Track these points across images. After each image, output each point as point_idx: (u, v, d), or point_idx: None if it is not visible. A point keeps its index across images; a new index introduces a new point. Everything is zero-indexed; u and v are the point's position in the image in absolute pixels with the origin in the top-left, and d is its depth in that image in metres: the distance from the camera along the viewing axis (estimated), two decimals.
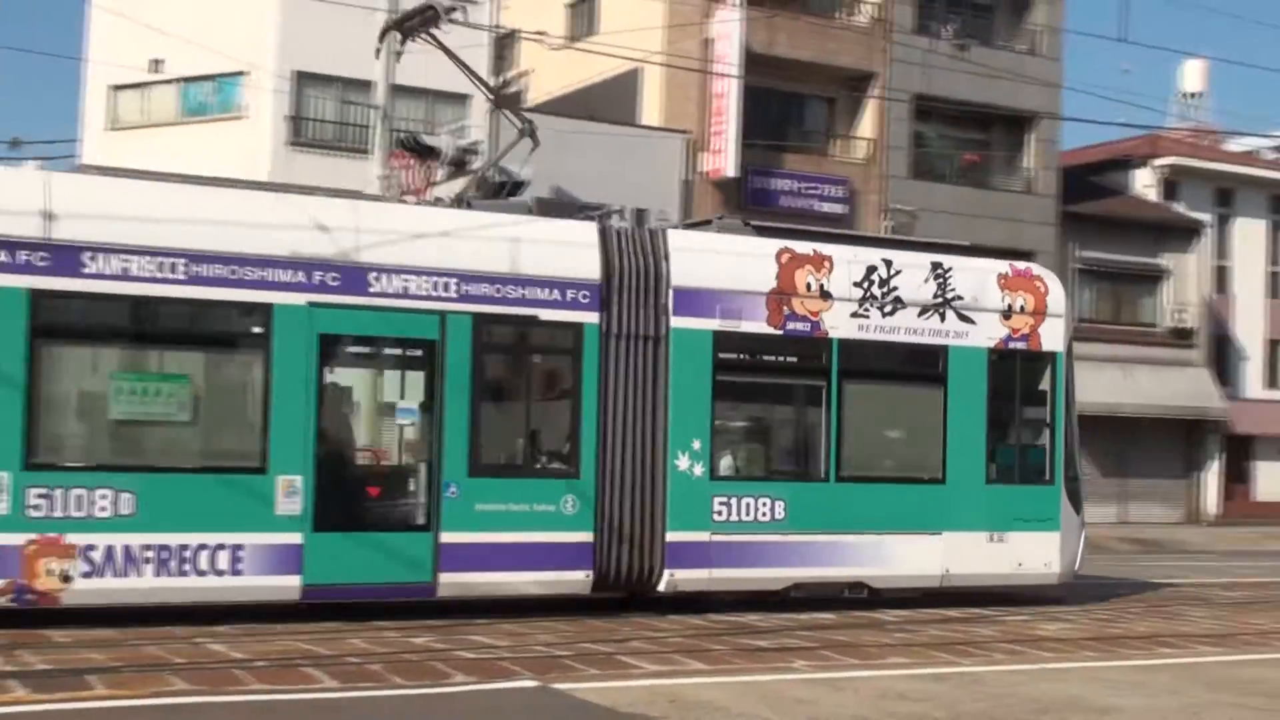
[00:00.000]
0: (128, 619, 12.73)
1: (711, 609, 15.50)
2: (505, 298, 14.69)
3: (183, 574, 13.21)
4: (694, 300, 15.55)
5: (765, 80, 36.93)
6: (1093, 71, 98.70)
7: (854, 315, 16.41)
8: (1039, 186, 42.11)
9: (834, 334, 16.29)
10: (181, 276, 13.38)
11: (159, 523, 13.15)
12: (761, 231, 16.86)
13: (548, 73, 38.67)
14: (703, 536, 15.48)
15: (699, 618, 14.87)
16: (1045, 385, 17.74)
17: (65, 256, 12.99)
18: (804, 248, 16.38)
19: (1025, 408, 17.73)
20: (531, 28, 32.46)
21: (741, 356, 16.06)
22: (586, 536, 14.89)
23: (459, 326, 14.43)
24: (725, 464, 15.92)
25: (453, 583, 14.32)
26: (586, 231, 15.45)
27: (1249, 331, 49.55)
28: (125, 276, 13.19)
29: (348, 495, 14.19)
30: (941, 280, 16.97)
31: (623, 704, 9.89)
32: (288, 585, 13.62)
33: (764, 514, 15.83)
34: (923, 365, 16.96)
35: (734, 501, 15.70)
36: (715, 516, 15.55)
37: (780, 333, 16.04)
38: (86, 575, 12.89)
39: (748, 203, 36.59)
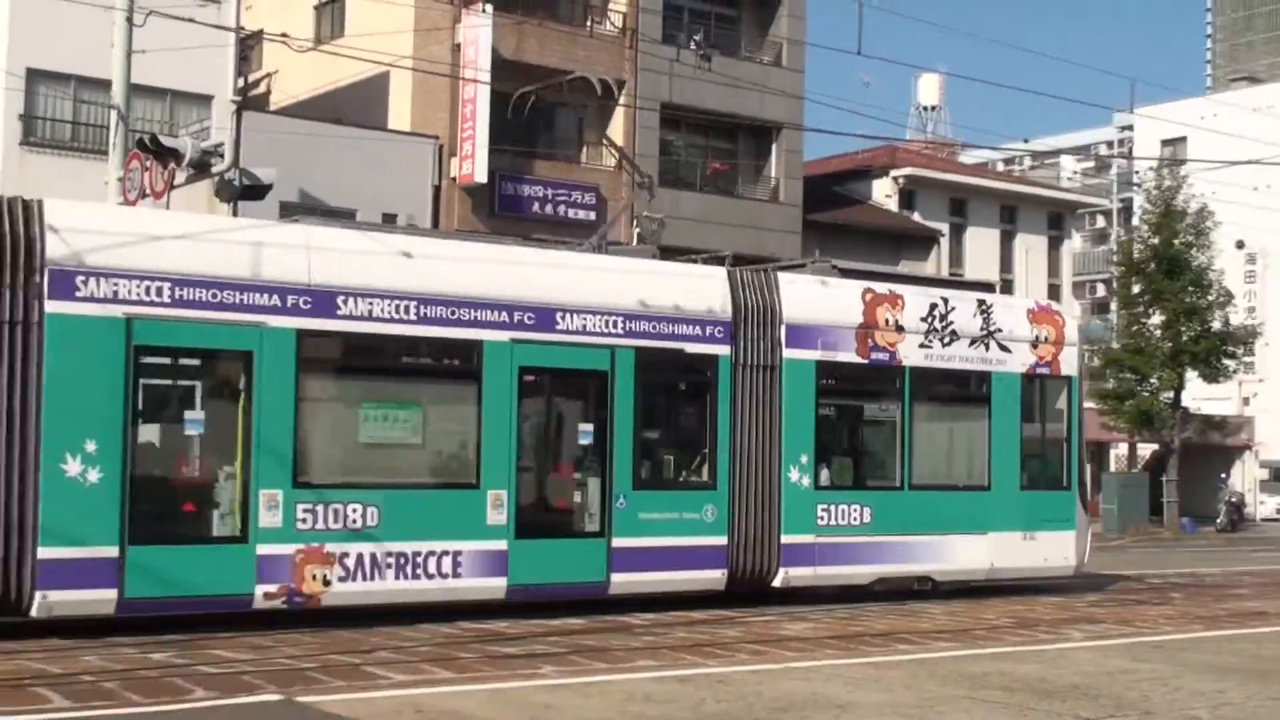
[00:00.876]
0: None
1: (810, 602, 17.98)
2: (660, 333, 16.97)
3: (415, 578, 15.11)
4: (801, 334, 17.99)
5: (515, 86, 36.87)
6: (835, 84, 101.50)
7: (921, 346, 19.07)
8: (784, 195, 43.02)
9: (906, 363, 18.93)
10: (413, 317, 15.27)
11: (398, 533, 15.00)
12: (845, 274, 19.25)
13: (294, 74, 37.91)
14: (809, 539, 18.00)
15: (449, 626, 14.92)
16: (1063, 404, 20.66)
17: (323, 299, 14.74)
18: (881, 287, 18.95)
19: (1048, 424, 20.63)
20: (277, 28, 31.86)
21: (837, 383, 18.56)
22: (722, 540, 17.30)
23: (625, 359, 16.67)
24: (825, 476, 18.29)
25: (622, 582, 16.54)
26: (717, 273, 17.91)
27: None
28: (370, 317, 15.02)
29: (541, 507, 16.42)
30: (985, 315, 19.75)
31: (367, 715, 9.79)
32: (496, 586, 15.66)
33: (855, 519, 18.42)
34: (972, 388, 19.79)
35: (833, 508, 18.25)
36: (819, 521, 18.11)
37: (866, 362, 18.62)
38: (342, 580, 14.69)
39: (499, 209, 36.58)
